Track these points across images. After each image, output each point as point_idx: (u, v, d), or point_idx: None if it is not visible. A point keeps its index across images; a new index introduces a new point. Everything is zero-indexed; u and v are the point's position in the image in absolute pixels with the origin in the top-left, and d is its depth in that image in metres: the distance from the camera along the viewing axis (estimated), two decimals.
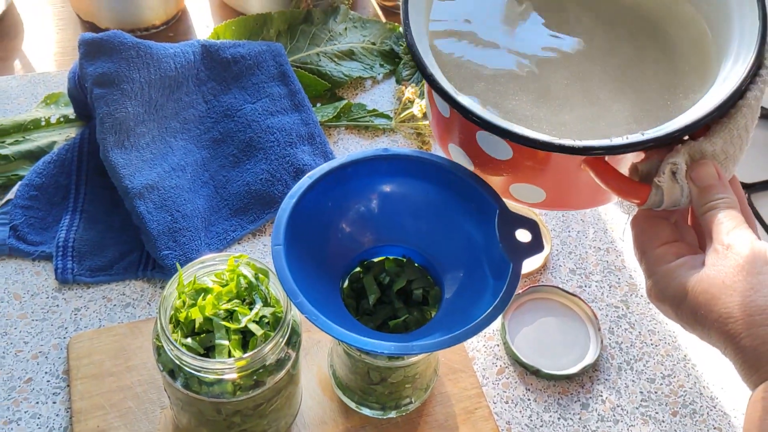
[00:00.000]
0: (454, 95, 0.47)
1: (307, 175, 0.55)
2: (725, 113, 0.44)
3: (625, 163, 0.49)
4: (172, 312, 0.54)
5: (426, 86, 0.55)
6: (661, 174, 0.44)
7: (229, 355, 0.52)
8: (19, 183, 0.76)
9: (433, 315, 0.58)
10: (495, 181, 0.54)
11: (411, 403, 0.64)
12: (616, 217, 0.83)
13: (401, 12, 0.51)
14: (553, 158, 0.48)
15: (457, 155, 0.54)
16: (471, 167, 0.54)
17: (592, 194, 0.53)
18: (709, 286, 0.41)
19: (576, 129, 0.49)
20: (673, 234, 0.46)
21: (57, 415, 0.64)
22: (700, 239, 0.47)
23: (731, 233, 0.42)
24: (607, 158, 0.47)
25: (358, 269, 0.60)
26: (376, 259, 0.61)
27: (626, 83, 0.51)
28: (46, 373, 0.66)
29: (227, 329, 0.53)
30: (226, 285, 0.55)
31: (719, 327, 0.40)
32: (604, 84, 0.51)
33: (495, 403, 0.68)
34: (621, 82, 0.51)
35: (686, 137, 0.45)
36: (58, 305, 0.71)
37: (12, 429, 0.63)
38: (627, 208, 0.84)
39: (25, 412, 0.64)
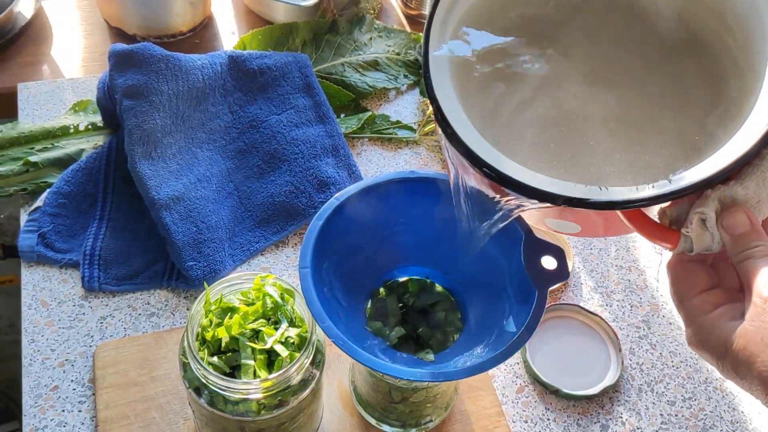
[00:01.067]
0: (481, 157, 0.44)
1: (334, 196, 0.56)
2: (757, 154, 0.42)
3: (654, 211, 0.48)
4: (199, 330, 0.55)
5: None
6: (688, 224, 0.43)
7: (255, 376, 0.52)
8: (48, 190, 0.77)
9: (455, 338, 0.58)
10: (529, 217, 0.53)
11: (431, 421, 0.65)
12: (639, 236, 0.83)
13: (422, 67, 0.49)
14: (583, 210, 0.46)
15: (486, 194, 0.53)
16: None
17: (625, 227, 0.51)
18: (748, 343, 0.40)
19: (613, 167, 0.48)
20: (710, 280, 0.45)
21: (82, 423, 0.65)
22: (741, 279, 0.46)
23: None
24: None
25: (381, 289, 0.61)
26: (400, 279, 0.61)
27: (665, 110, 0.50)
28: (72, 381, 0.68)
29: (253, 349, 0.53)
30: (252, 304, 0.56)
31: (759, 384, 0.40)
32: (642, 114, 0.50)
33: (514, 422, 0.68)
34: (660, 111, 0.50)
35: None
36: (84, 313, 0.72)
37: None
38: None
39: (51, 420, 0.65)
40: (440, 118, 0.46)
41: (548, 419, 0.69)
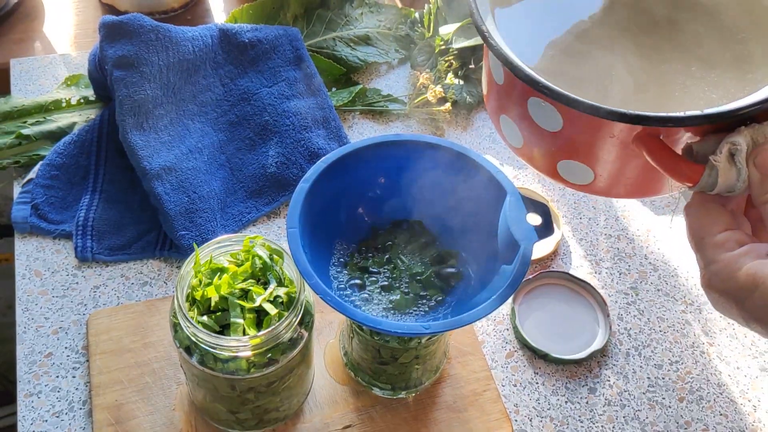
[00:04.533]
0: (506, 52, 0.45)
1: (321, 159, 0.56)
2: None
3: (680, 145, 0.47)
4: (189, 290, 0.55)
5: (484, 52, 0.53)
6: (718, 153, 0.41)
7: (244, 333, 0.53)
8: (41, 163, 0.78)
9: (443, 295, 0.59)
10: (543, 159, 0.51)
11: (421, 384, 0.66)
12: (628, 204, 0.84)
13: None
14: (604, 132, 0.46)
15: (508, 128, 0.52)
16: (520, 141, 0.52)
17: (642, 180, 0.50)
18: None
19: (641, 104, 0.47)
20: (733, 221, 0.43)
21: (76, 389, 0.66)
22: (754, 230, 0.45)
23: None
24: (662, 136, 0.44)
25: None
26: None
27: (705, 62, 0.49)
28: (65, 348, 0.68)
29: (242, 308, 0.54)
30: (242, 265, 0.56)
31: None
32: (681, 63, 0.49)
33: (503, 386, 0.69)
34: (699, 62, 0.49)
35: (750, 120, 0.43)
36: (77, 282, 0.73)
37: (33, 402, 0.65)
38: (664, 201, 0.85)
39: (46, 386, 0.66)
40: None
41: (537, 383, 0.70)
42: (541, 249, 0.78)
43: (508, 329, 0.73)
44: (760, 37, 0.50)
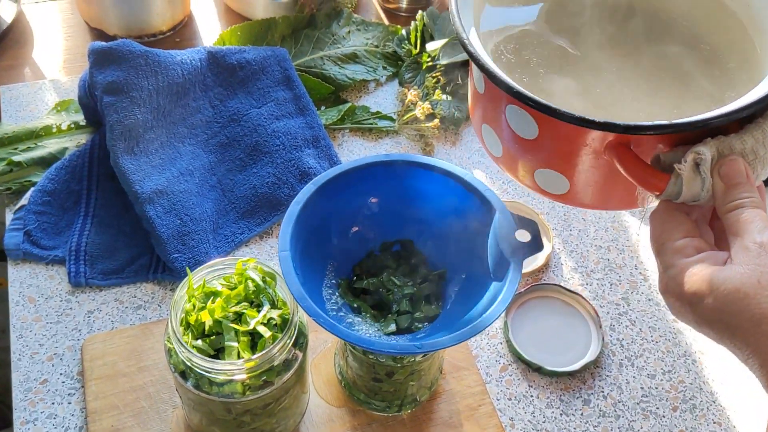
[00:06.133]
0: (484, 59, 0.46)
1: (312, 181, 0.57)
2: (761, 113, 0.43)
3: (650, 155, 0.48)
4: (183, 315, 0.56)
5: (469, 65, 0.54)
6: (683, 162, 0.42)
7: (239, 357, 0.54)
8: (32, 189, 0.78)
9: (436, 311, 0.59)
10: (521, 167, 0.53)
11: (416, 400, 0.66)
12: (617, 216, 0.85)
13: None
14: (577, 141, 0.47)
15: (489, 137, 0.54)
16: (500, 150, 0.53)
17: (615, 191, 0.51)
18: (741, 285, 0.39)
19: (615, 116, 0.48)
20: (694, 229, 0.44)
21: (72, 415, 0.66)
22: (717, 241, 0.46)
23: (764, 232, 0.40)
24: (632, 146, 0.46)
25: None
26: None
27: (673, 81, 0.50)
28: (61, 374, 0.68)
29: (236, 331, 0.54)
30: (235, 288, 0.57)
31: (749, 328, 0.38)
32: (648, 82, 0.51)
33: (498, 400, 0.70)
34: (667, 79, 0.50)
35: (718, 132, 0.44)
36: (71, 308, 0.73)
37: (29, 429, 0.65)
38: (640, 213, 0.86)
39: (42, 413, 0.66)
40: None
41: (532, 396, 0.70)
42: (532, 262, 0.79)
43: (501, 343, 0.73)
44: (734, 52, 0.52)
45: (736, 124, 0.44)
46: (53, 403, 0.67)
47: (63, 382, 0.68)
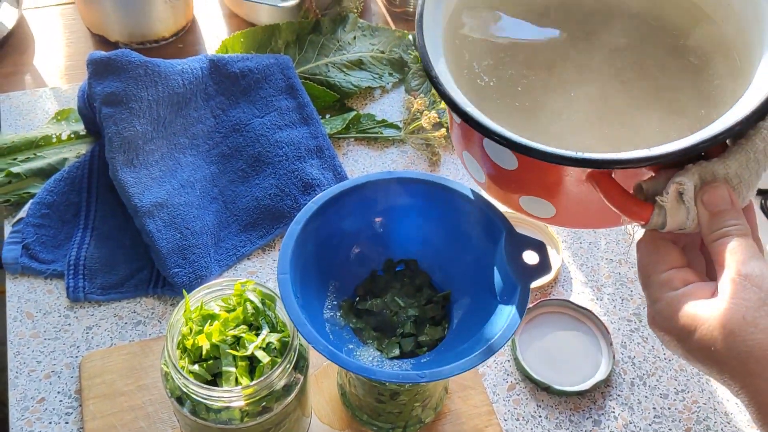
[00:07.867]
0: (457, 99, 0.45)
1: (312, 200, 0.55)
2: (743, 134, 0.41)
3: (633, 182, 0.47)
4: (180, 338, 0.54)
5: None
6: (665, 194, 0.41)
7: (237, 383, 0.52)
8: (31, 201, 0.77)
9: (442, 335, 0.58)
10: (505, 194, 0.52)
11: (421, 422, 0.64)
12: (629, 228, 0.82)
13: (416, 17, 0.49)
14: (557, 171, 0.46)
15: (471, 164, 0.52)
16: (483, 177, 0.53)
17: (602, 213, 0.51)
18: (727, 321, 0.38)
19: (598, 146, 0.47)
20: (681, 259, 0.43)
21: None
22: (708, 267, 0.45)
23: (748, 263, 0.39)
24: (614, 174, 0.44)
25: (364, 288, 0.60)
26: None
27: (656, 97, 0.49)
28: (58, 392, 0.67)
29: (234, 356, 0.53)
30: (233, 310, 0.55)
31: (736, 366, 0.38)
32: (631, 100, 0.49)
33: (506, 420, 0.68)
34: (650, 97, 0.49)
35: (699, 158, 0.42)
36: (70, 324, 0.71)
37: None
38: (631, 229, 0.83)
39: None
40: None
41: (540, 416, 0.68)
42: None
43: (509, 360, 0.71)
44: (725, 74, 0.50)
45: (719, 146, 0.42)
46: (50, 423, 0.65)
47: (60, 401, 0.67)
